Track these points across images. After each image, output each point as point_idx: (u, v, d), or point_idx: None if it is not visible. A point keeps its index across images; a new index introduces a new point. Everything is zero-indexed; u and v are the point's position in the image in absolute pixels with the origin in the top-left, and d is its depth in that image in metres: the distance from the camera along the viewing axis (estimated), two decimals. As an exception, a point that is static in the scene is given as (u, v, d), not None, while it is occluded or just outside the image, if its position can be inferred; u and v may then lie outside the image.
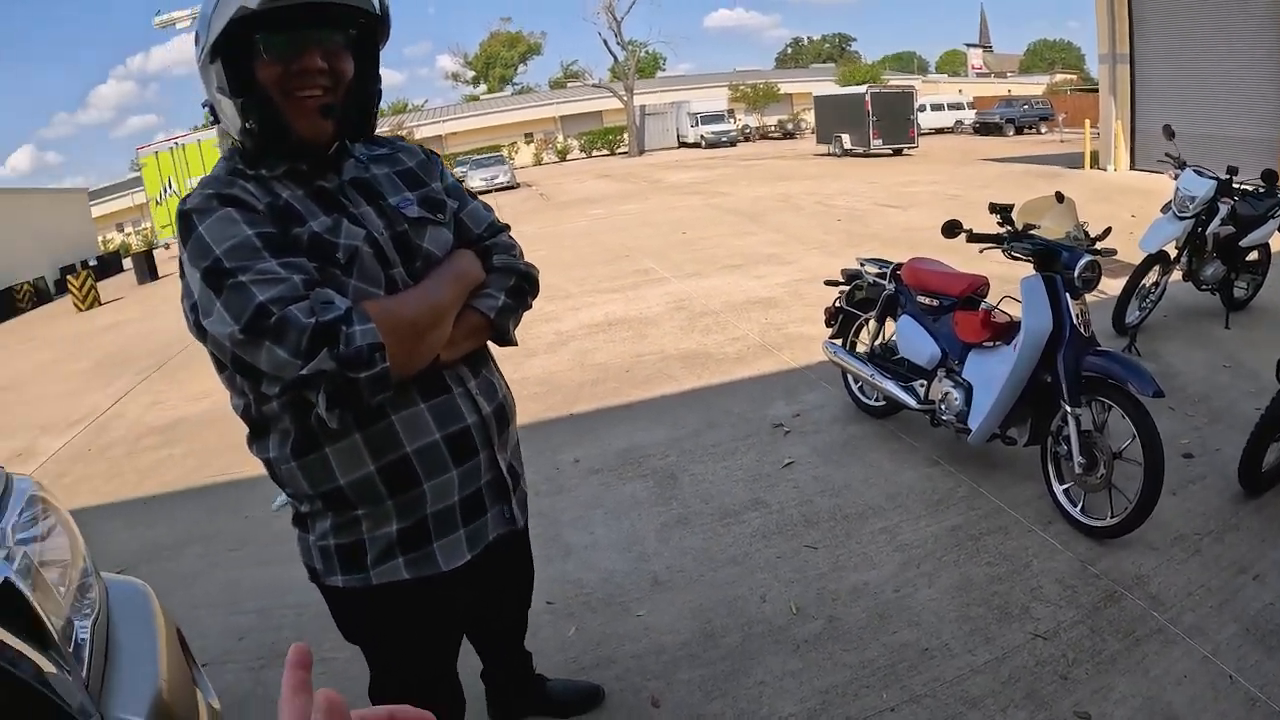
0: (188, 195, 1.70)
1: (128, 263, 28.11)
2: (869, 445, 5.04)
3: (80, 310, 19.10)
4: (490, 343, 2.01)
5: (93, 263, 27.70)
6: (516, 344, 2.01)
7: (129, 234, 49.51)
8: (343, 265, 1.69)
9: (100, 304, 19.50)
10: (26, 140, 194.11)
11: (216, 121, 1.79)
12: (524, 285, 2.00)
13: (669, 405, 5.77)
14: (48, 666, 1.69)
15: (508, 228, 2.09)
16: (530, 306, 2.06)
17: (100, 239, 38.73)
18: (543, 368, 6.53)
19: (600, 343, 7.20)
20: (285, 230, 1.66)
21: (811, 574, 3.76)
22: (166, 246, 27.13)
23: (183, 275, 1.68)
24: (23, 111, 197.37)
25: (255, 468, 5.96)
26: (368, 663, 2.14)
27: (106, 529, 5.08)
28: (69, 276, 21.17)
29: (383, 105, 2.09)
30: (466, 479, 1.89)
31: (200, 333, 1.64)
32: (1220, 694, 2.98)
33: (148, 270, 24.34)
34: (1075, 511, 4.05)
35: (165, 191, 24.07)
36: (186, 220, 1.64)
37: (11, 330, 18.84)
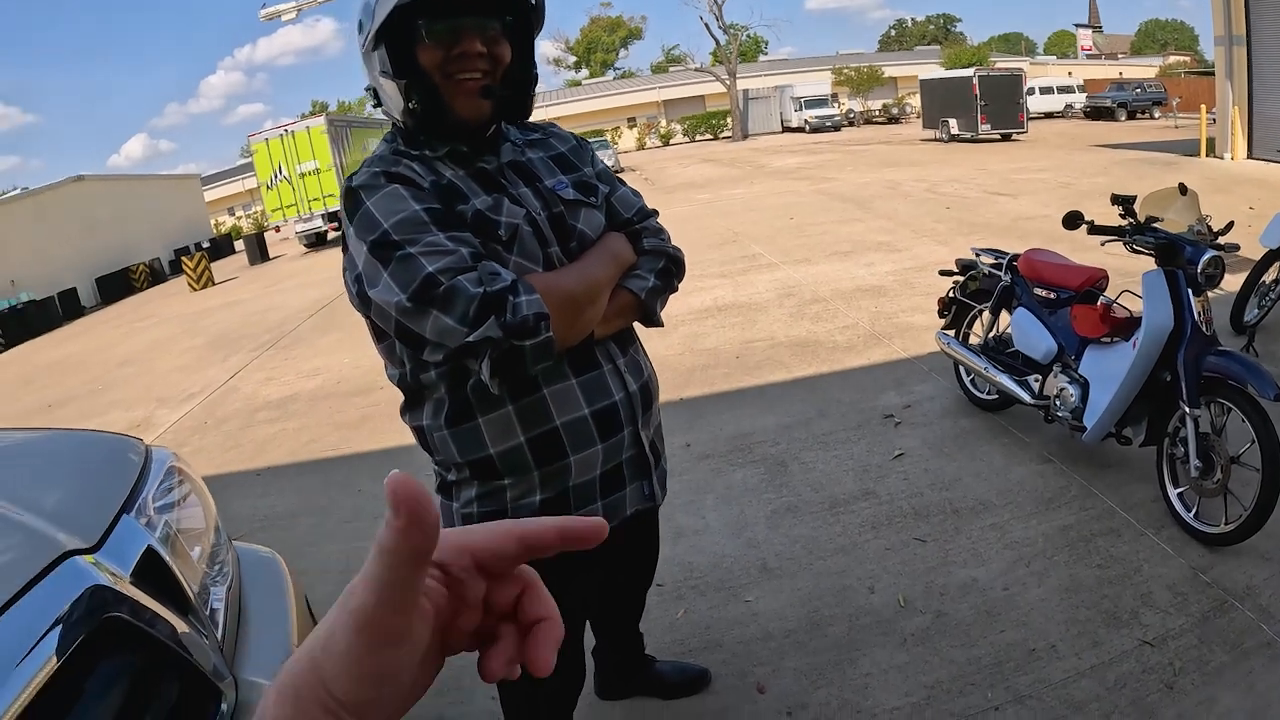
0: (354, 173, 1.80)
1: (239, 245, 29.28)
2: (980, 439, 4.99)
3: (194, 289, 19.98)
4: (636, 323, 2.05)
5: (206, 245, 29.00)
6: (662, 324, 2.05)
7: (239, 217, 51.48)
8: (504, 242, 1.77)
9: (214, 284, 20.36)
10: (140, 129, 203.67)
11: (378, 104, 1.90)
12: (672, 268, 2.05)
13: (779, 392, 5.80)
14: (185, 630, 1.75)
15: (656, 213, 2.14)
16: (676, 289, 2.10)
17: (212, 222, 40.29)
18: (653, 352, 6.45)
19: (710, 328, 7.24)
20: (450, 206, 1.74)
21: (920, 567, 3.76)
22: (277, 229, 28.00)
23: (346, 249, 1.79)
24: (136, 102, 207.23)
25: (366, 444, 6.25)
26: None
27: (222, 498, 5.32)
28: (183, 258, 22.17)
29: None
30: (610, 454, 1.94)
31: (364, 303, 1.74)
32: None
33: (259, 252, 25.40)
34: (1189, 516, 3.95)
35: (275, 177, 24.77)
36: (354, 196, 1.73)
37: (130, 308, 19.77)
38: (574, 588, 2.18)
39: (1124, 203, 4.19)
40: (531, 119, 2.11)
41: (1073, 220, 4.13)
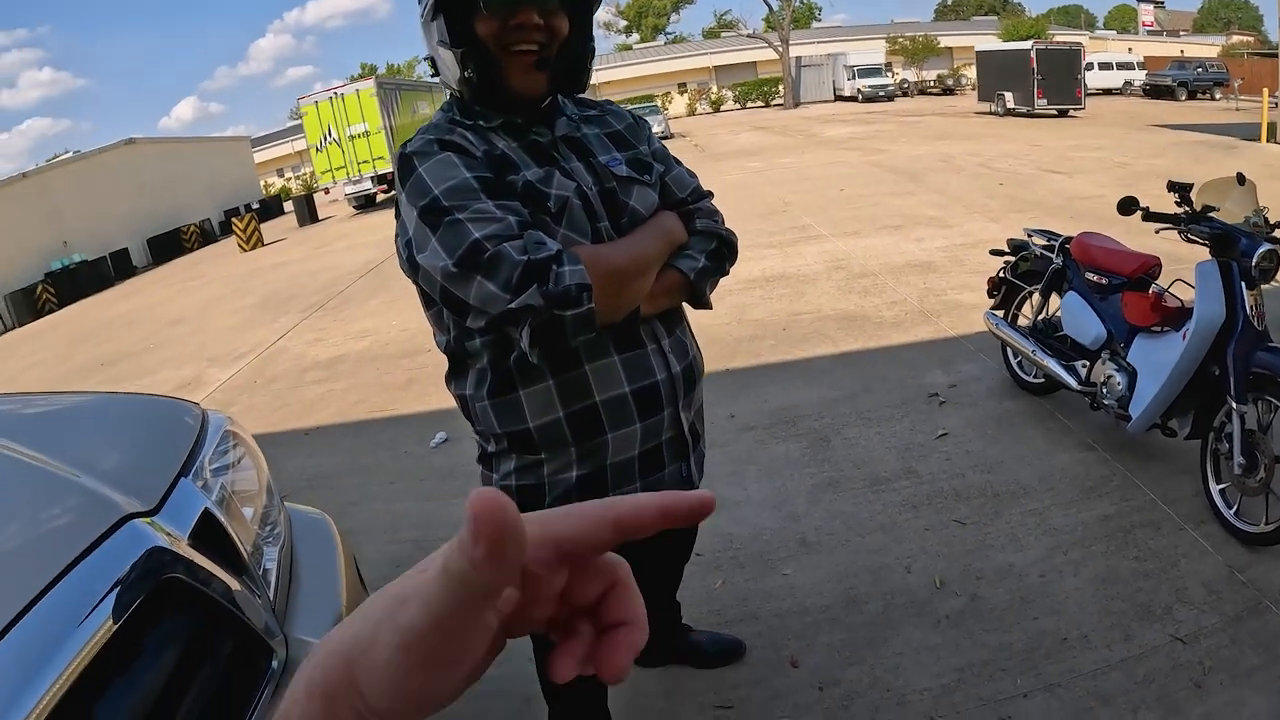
0: (408, 140, 1.83)
1: (288, 206, 29.54)
2: (1024, 423, 4.97)
3: (244, 250, 20.24)
4: (686, 304, 2.06)
5: (255, 206, 29.34)
6: (711, 307, 2.05)
7: (289, 179, 51.89)
8: (553, 214, 1.78)
9: (263, 245, 20.60)
10: (190, 93, 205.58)
11: (435, 74, 1.92)
12: (724, 250, 2.04)
13: (825, 366, 5.80)
14: (239, 589, 1.80)
15: (711, 194, 2.14)
16: (728, 272, 2.09)
17: (262, 184, 40.66)
18: (699, 322, 6.44)
19: (757, 298, 7.23)
20: (501, 176, 1.76)
21: (958, 549, 3.77)
22: (326, 191, 28.15)
23: (398, 215, 1.82)
24: (186, 66, 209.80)
25: (412, 406, 6.35)
26: None
27: (270, 456, 5.45)
28: (233, 219, 22.42)
29: None
30: (649, 433, 1.95)
31: (412, 268, 1.77)
32: None
33: (308, 213, 25.63)
34: (1229, 514, 3.90)
35: (325, 139, 24.93)
36: (407, 162, 1.76)
37: (181, 268, 20.08)
38: None
39: (1180, 190, 4.12)
40: (617, 108, 2.13)
41: (1128, 206, 4.08)
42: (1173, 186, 4.13)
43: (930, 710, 2.88)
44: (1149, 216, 4.08)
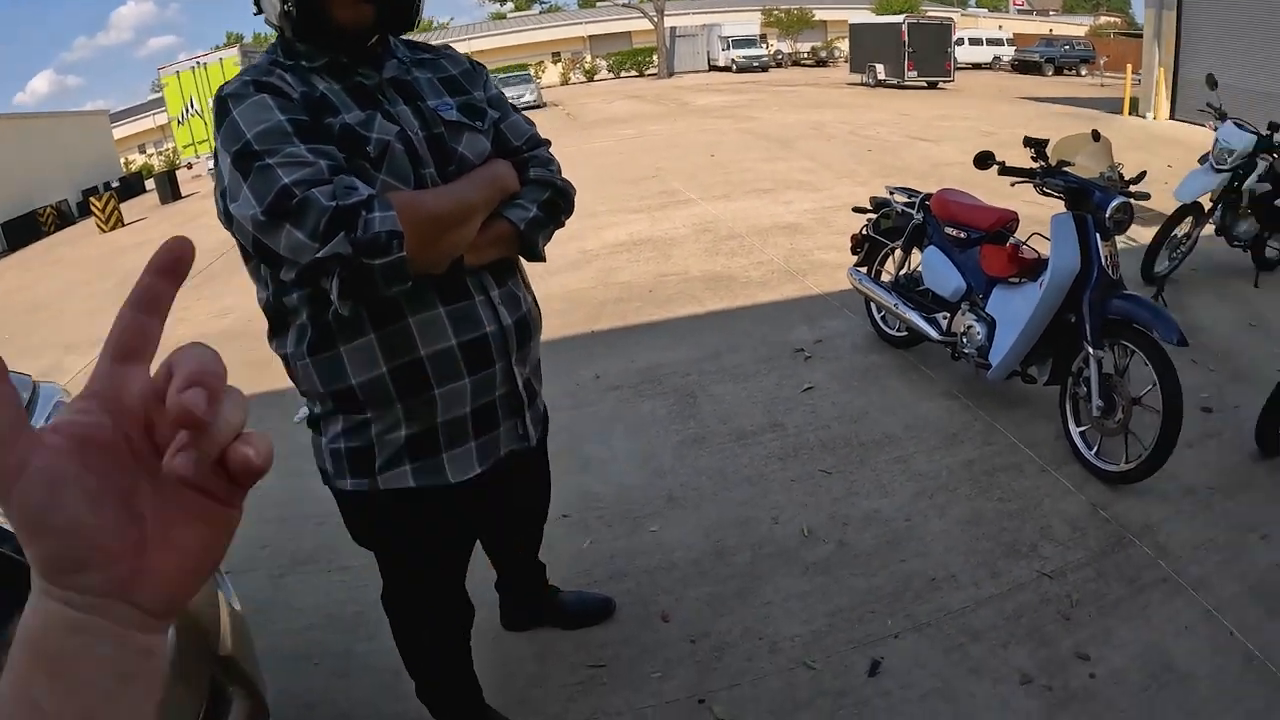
0: (225, 83, 1.69)
1: (150, 184, 28.08)
2: (888, 374, 5.05)
3: (104, 231, 19.18)
4: (522, 258, 1.99)
5: (115, 184, 27.71)
6: (544, 259, 1.97)
7: (151, 155, 49.25)
8: (372, 159, 1.68)
9: (124, 225, 19.58)
10: (46, 65, 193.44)
11: (259, 12, 1.77)
12: (558, 200, 1.96)
13: (691, 326, 5.78)
14: None
15: (549, 143, 2.06)
16: (563, 224, 2.02)
17: (122, 161, 38.62)
18: (566, 285, 6.52)
19: (624, 262, 7.17)
20: (317, 119, 1.65)
21: (824, 498, 3.80)
22: (189, 166, 26.93)
23: (217, 164, 1.67)
24: (43, 37, 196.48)
25: (275, 383, 6.03)
26: (379, 569, 2.18)
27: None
28: (91, 199, 21.14)
29: None
30: (480, 389, 1.87)
31: (228, 219, 1.64)
32: (1219, 649, 3.00)
33: (170, 191, 24.32)
34: (1090, 455, 4.05)
35: (187, 111, 23.64)
36: (222, 105, 1.63)
37: (37, 253, 19.00)
38: (451, 531, 2.09)
39: (1036, 145, 4.21)
40: (454, 53, 2.00)
41: (983, 160, 4.14)
42: (1029, 142, 4.22)
43: (802, 656, 2.88)
44: (1005, 171, 4.16)
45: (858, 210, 5.50)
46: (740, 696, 2.72)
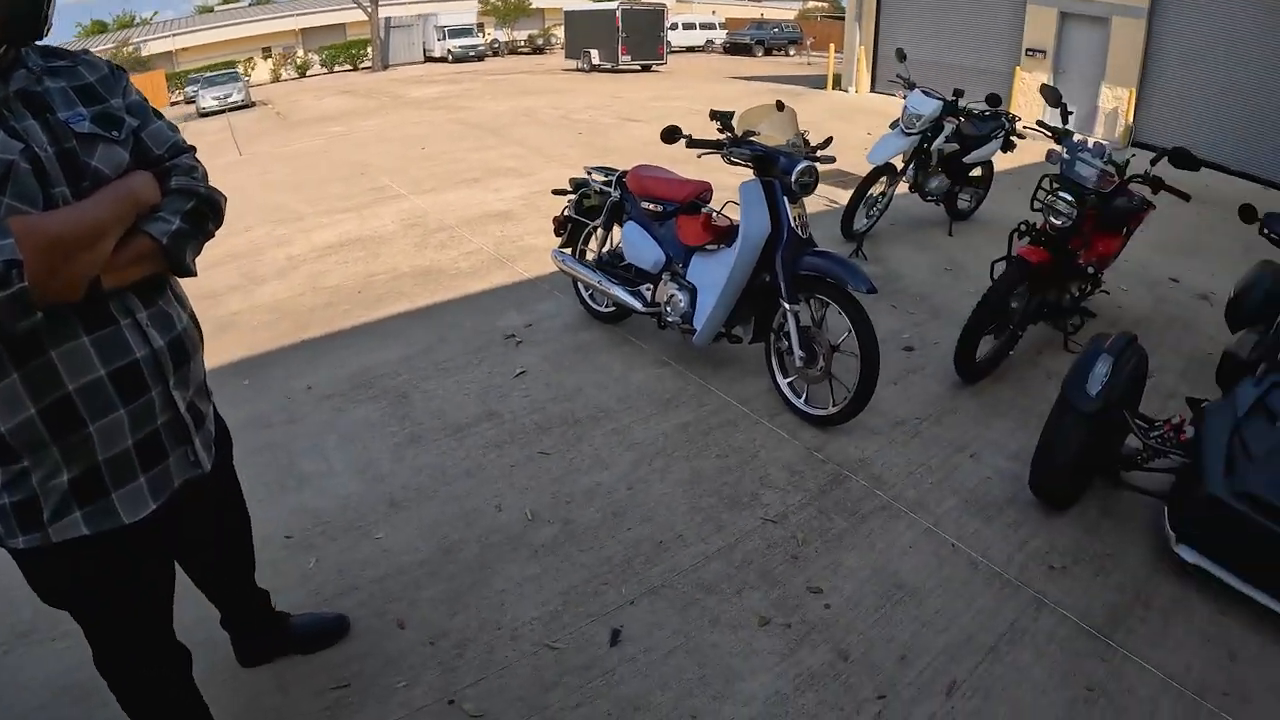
0: None
1: None
2: (600, 350, 5.15)
3: None
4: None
5: None
6: (195, 273, 1.86)
7: None
8: None
9: None
10: None
11: None
12: (203, 209, 1.86)
13: (401, 324, 5.64)
14: None
15: (193, 149, 1.95)
16: (212, 234, 1.91)
17: None
18: (273, 295, 6.20)
19: (333, 265, 6.89)
20: None
21: (545, 479, 3.84)
22: None
23: None
24: None
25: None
26: (82, 630, 1.99)
27: None
28: None
29: (107, 19, 1.85)
30: (139, 419, 1.76)
31: None
32: (944, 561, 3.33)
33: None
34: (799, 403, 4.34)
35: None
36: None
37: None
38: (140, 574, 1.95)
39: (722, 118, 4.40)
40: (93, 59, 1.83)
41: (671, 135, 4.30)
42: (715, 115, 4.40)
43: (542, 637, 2.91)
44: (692, 143, 4.32)
45: (558, 192, 5.56)
46: (489, 689, 2.72)
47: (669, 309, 4.69)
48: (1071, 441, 3.43)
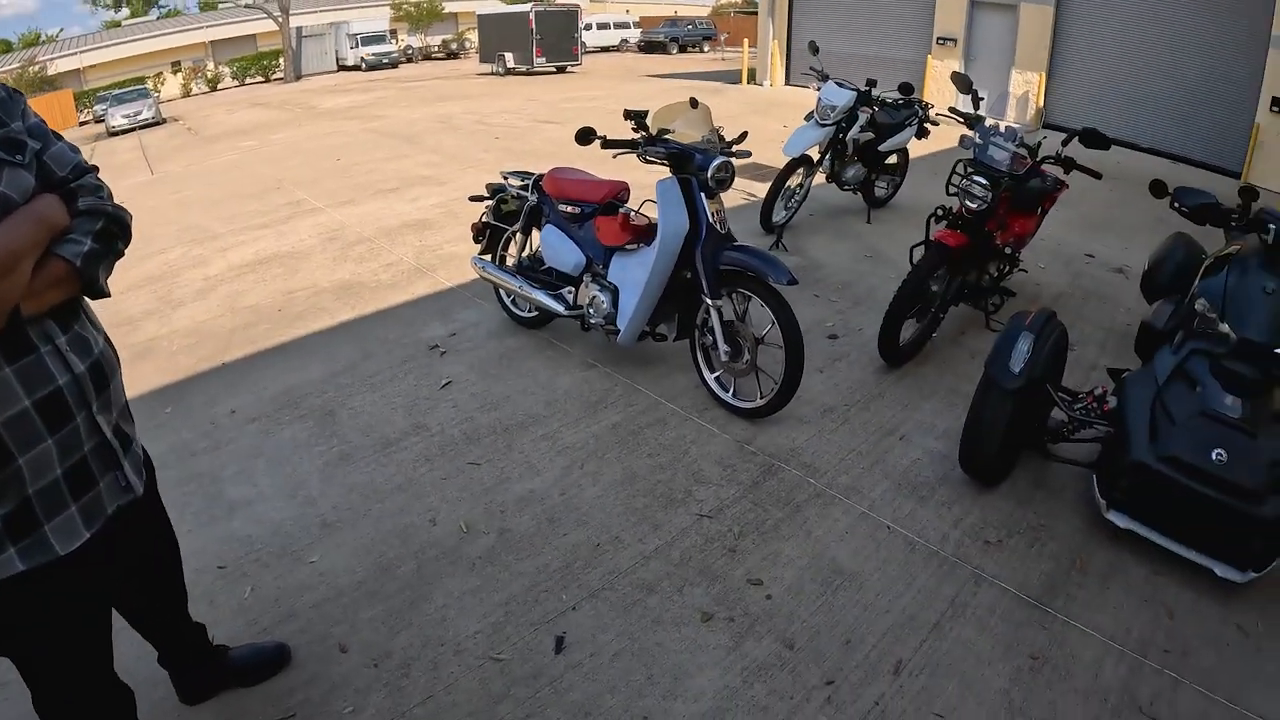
0: None
1: None
2: (525, 356, 5.12)
3: None
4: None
5: None
6: (108, 294, 1.83)
7: None
8: None
9: None
10: None
11: None
12: (113, 229, 1.83)
13: (323, 341, 5.52)
14: None
15: (96, 169, 1.91)
16: (122, 253, 1.88)
17: None
18: (191, 318, 6.03)
19: (251, 284, 6.73)
20: None
21: (477, 490, 3.79)
22: None
23: None
24: None
25: None
26: (20, 674, 1.91)
27: None
28: None
29: (12, 38, 1.78)
30: (66, 448, 1.71)
31: None
32: (880, 543, 3.38)
33: None
34: (727, 396, 4.35)
35: None
36: None
37: None
38: (78, 609, 1.89)
39: (636, 117, 4.39)
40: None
41: (585, 136, 4.27)
42: (629, 114, 4.39)
43: (487, 650, 2.88)
44: (607, 144, 4.30)
45: (475, 199, 5.50)
46: (437, 707, 2.69)
47: (592, 311, 4.67)
48: (998, 418, 3.51)
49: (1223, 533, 3.07)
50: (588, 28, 37.47)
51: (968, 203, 4.85)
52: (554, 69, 30.81)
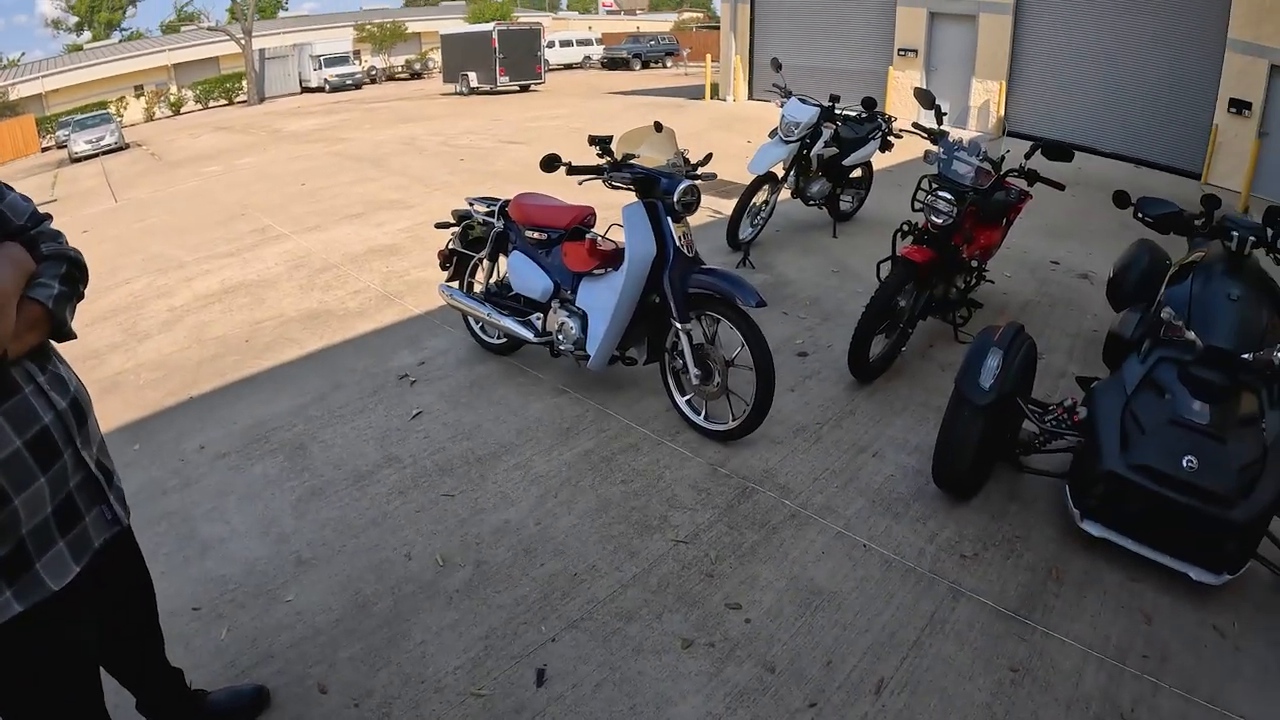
0: None
1: None
2: (496, 384, 5.09)
3: None
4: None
5: None
6: (75, 336, 1.86)
7: None
8: None
9: None
10: None
11: None
12: (75, 273, 1.88)
13: (292, 372, 5.47)
14: None
15: (50, 217, 1.95)
16: (83, 295, 1.92)
17: None
18: (158, 350, 5.95)
19: (217, 314, 6.65)
20: None
21: (452, 522, 3.77)
22: None
23: None
24: None
25: None
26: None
27: None
28: None
29: None
30: (56, 484, 1.74)
31: None
32: (858, 562, 3.38)
33: None
34: (699, 420, 4.35)
35: None
36: None
37: None
38: (69, 647, 1.89)
39: (601, 143, 4.40)
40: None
41: (550, 163, 4.26)
42: (594, 140, 4.39)
43: (468, 686, 2.85)
44: (572, 170, 4.31)
45: (441, 226, 5.49)
46: None
47: (561, 337, 4.66)
48: (970, 434, 3.54)
49: (1196, 537, 3.12)
50: (550, 45, 37.55)
51: (933, 218, 4.90)
52: (518, 88, 30.84)
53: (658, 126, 4.45)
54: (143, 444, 4.66)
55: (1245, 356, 3.20)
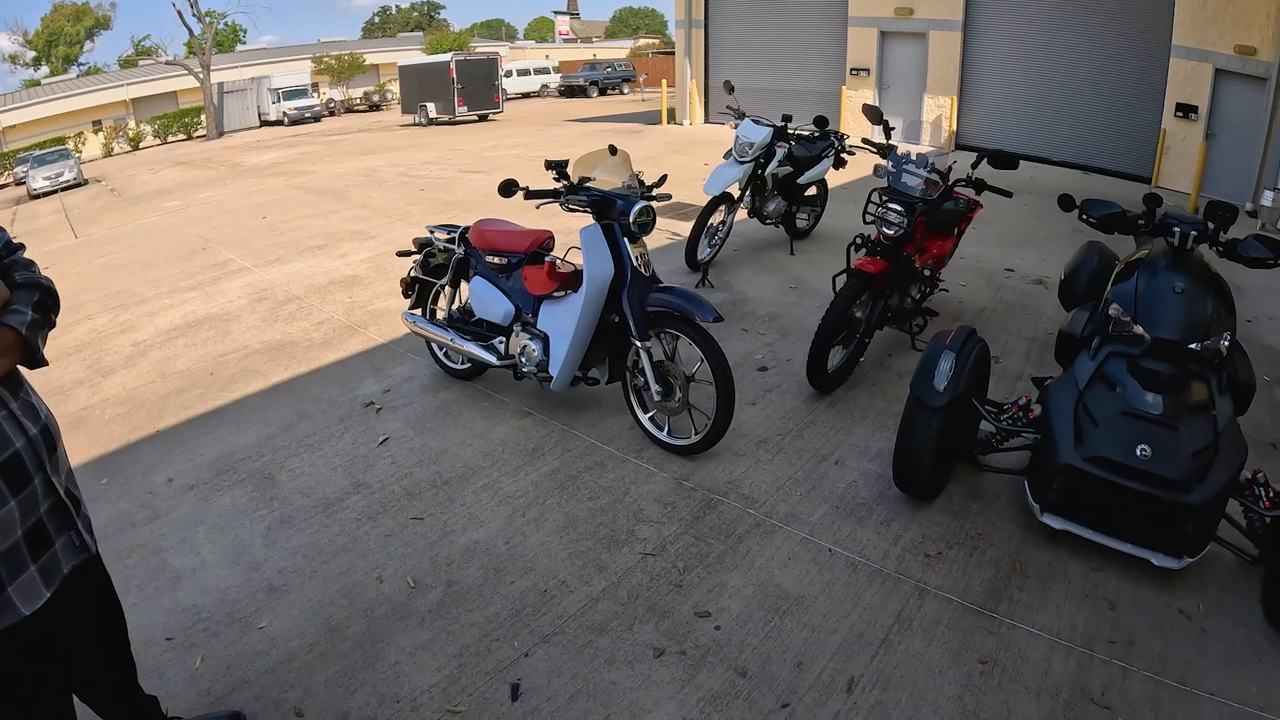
0: None
1: None
2: (461, 408, 5.13)
3: None
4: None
5: None
6: (47, 363, 1.91)
7: None
8: None
9: None
10: None
11: None
12: (47, 301, 1.92)
13: (257, 403, 5.48)
14: None
15: (24, 246, 2.00)
16: (54, 323, 1.96)
17: None
18: (122, 385, 5.91)
19: (181, 348, 6.62)
20: None
21: (422, 544, 3.80)
22: None
23: None
24: None
25: None
26: None
27: None
28: None
29: None
30: (26, 509, 1.76)
31: None
32: (824, 566, 3.46)
33: None
34: (663, 435, 4.42)
35: None
36: None
37: None
38: (40, 674, 1.91)
39: (557, 167, 4.47)
40: None
41: (508, 189, 4.33)
42: (550, 165, 4.47)
43: (443, 704, 2.88)
44: (530, 195, 4.38)
45: (403, 254, 5.53)
46: None
47: (524, 359, 4.71)
48: (927, 436, 3.62)
49: (1155, 523, 3.22)
50: (508, 74, 37.77)
51: (885, 229, 5.01)
52: (476, 117, 31.00)
53: (612, 150, 4.53)
54: (110, 478, 4.64)
55: (1193, 346, 3.31)
